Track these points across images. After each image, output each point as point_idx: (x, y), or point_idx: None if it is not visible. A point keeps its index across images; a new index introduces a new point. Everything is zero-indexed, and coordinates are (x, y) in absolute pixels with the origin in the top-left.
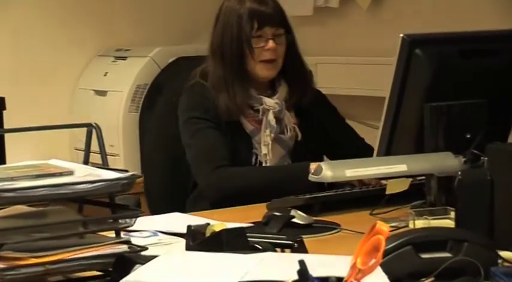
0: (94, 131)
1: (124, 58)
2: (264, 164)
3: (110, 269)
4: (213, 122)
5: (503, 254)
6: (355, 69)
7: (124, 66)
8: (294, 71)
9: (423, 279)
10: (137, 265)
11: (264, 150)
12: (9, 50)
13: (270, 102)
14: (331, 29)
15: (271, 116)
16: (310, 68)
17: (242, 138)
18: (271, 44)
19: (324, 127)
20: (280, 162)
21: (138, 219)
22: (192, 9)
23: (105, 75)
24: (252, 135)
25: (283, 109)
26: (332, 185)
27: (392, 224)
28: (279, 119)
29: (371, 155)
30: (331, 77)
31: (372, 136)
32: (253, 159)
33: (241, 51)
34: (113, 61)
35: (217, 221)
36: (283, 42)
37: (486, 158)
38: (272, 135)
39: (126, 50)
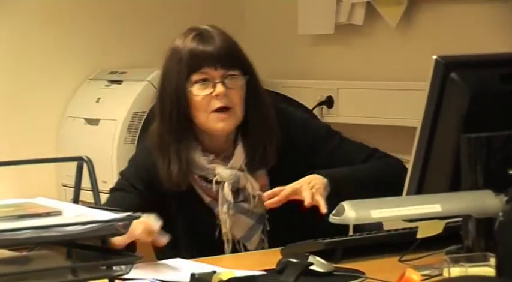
0: (85, 165)
1: (119, 82)
2: (228, 240)
3: None
4: (138, 189)
5: None
6: (381, 95)
7: (119, 91)
8: (256, 122)
9: None
10: None
11: (223, 228)
12: None
13: (224, 173)
14: (355, 49)
15: (226, 189)
16: (330, 94)
17: (203, 209)
18: (219, 88)
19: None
20: (250, 234)
21: (135, 265)
22: None
23: (97, 101)
24: (211, 207)
25: (240, 178)
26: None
27: (425, 272)
28: (238, 190)
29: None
30: (354, 104)
31: None
32: (217, 233)
33: (183, 102)
34: (106, 85)
35: (225, 269)
36: (239, 85)
37: None
38: (231, 211)
39: (121, 72)
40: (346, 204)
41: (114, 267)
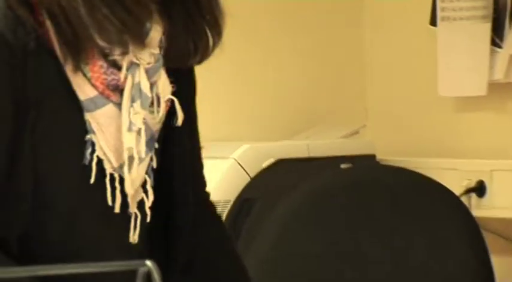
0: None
1: None
2: (127, 172)
3: None
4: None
5: None
6: None
7: None
8: None
9: None
10: None
11: (128, 140)
12: None
13: (143, 54)
14: None
15: (143, 76)
16: (481, 178)
17: (62, 116)
18: None
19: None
20: (133, 160)
21: None
22: (295, 91)
23: None
24: (88, 108)
25: (159, 66)
26: None
27: None
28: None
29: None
30: None
31: None
32: (89, 160)
33: None
34: None
35: None
36: None
37: None
38: (144, 112)
39: None
40: None
41: None
